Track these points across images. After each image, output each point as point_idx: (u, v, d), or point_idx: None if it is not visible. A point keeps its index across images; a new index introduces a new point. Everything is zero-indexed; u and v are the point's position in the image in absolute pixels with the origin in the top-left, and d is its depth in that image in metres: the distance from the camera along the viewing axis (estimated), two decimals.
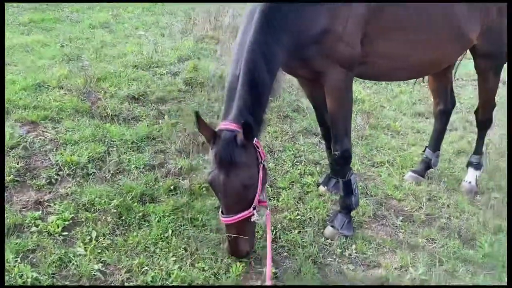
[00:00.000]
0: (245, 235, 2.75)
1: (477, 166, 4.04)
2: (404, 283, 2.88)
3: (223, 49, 6.04)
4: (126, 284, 2.68)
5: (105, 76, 4.87)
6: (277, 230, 3.25)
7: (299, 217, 3.41)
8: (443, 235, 3.35)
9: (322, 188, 3.76)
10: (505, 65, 3.76)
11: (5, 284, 2.47)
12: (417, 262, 3.05)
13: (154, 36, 6.48)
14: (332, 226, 3.27)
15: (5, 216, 2.94)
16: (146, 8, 8.25)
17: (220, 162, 2.60)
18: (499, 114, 5.51)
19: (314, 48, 2.88)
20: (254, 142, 2.67)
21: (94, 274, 2.70)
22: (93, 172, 3.55)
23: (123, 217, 3.17)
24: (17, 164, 3.39)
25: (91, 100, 4.41)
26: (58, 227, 2.96)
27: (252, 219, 2.71)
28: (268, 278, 2.54)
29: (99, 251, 2.88)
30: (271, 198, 3.59)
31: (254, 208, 2.70)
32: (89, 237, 2.95)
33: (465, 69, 5.43)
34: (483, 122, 4.05)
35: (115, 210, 3.19)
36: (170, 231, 3.10)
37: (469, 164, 4.08)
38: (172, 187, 3.54)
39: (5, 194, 3.14)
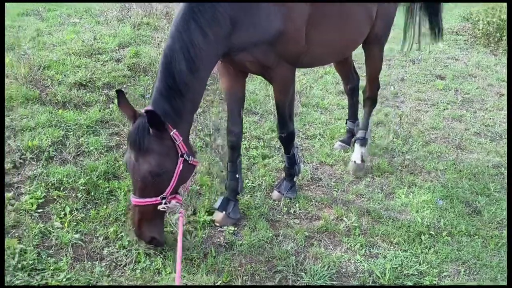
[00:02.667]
0: (150, 221, 2.75)
1: (363, 142, 4.30)
2: (340, 230, 3.47)
3: (161, 35, 6.29)
4: (105, 248, 3.01)
5: (49, 64, 4.96)
6: None
7: (249, 184, 3.89)
8: (369, 191, 4.00)
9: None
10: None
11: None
12: (349, 213, 3.66)
13: (89, 24, 6.54)
14: (278, 191, 3.78)
15: None
16: None
17: (129, 145, 2.61)
18: (411, 91, 6.40)
19: (265, 47, 2.98)
20: (172, 133, 2.61)
21: (75, 243, 3.00)
22: (54, 154, 3.77)
23: (92, 193, 3.46)
24: None
25: (39, 88, 4.53)
26: (32, 205, 3.20)
27: (159, 208, 2.70)
28: (177, 280, 2.41)
29: (75, 223, 3.17)
30: (223, 170, 4.01)
31: (163, 198, 2.69)
32: (63, 212, 3.23)
33: None
34: (370, 99, 4.37)
35: (83, 188, 3.47)
36: None
37: (356, 140, 4.33)
38: None
39: None
